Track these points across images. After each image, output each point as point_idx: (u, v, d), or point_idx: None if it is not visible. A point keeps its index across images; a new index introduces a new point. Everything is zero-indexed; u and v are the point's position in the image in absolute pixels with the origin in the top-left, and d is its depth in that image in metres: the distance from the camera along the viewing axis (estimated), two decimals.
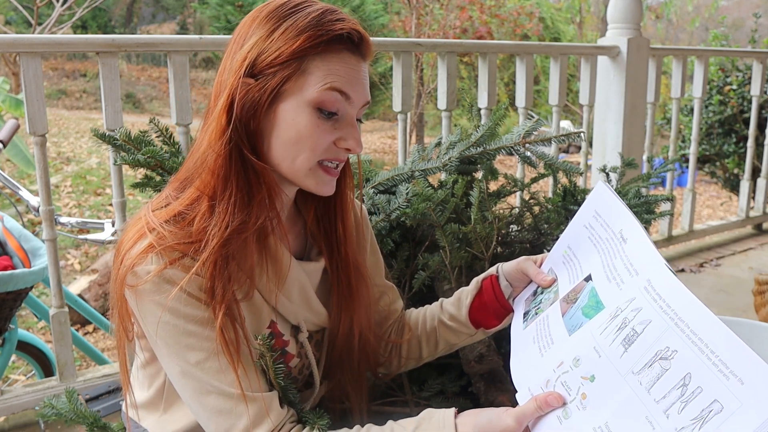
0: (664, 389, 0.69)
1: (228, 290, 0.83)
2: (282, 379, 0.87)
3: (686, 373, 0.68)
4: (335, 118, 0.86)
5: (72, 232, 2.71)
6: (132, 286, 0.82)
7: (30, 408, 1.92)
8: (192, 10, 17.38)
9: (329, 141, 0.86)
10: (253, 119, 0.84)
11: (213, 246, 0.82)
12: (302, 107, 0.84)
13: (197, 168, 0.86)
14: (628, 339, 0.74)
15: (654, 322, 0.73)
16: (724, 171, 4.85)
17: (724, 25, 6.14)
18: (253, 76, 0.83)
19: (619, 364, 0.74)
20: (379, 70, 10.09)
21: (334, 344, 1.02)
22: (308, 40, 0.82)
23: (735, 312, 2.74)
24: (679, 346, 0.69)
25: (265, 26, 0.84)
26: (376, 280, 1.12)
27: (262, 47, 0.83)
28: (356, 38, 0.86)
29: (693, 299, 0.71)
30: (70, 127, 10.02)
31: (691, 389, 0.67)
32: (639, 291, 0.77)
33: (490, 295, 1.05)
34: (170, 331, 0.83)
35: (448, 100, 2.47)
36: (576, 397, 0.77)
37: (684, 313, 0.71)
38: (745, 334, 1.07)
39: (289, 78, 0.83)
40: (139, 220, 0.86)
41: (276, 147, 0.86)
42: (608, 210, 0.90)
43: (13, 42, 1.72)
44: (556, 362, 0.81)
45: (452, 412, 0.85)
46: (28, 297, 1.99)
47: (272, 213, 0.88)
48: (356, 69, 0.86)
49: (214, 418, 0.84)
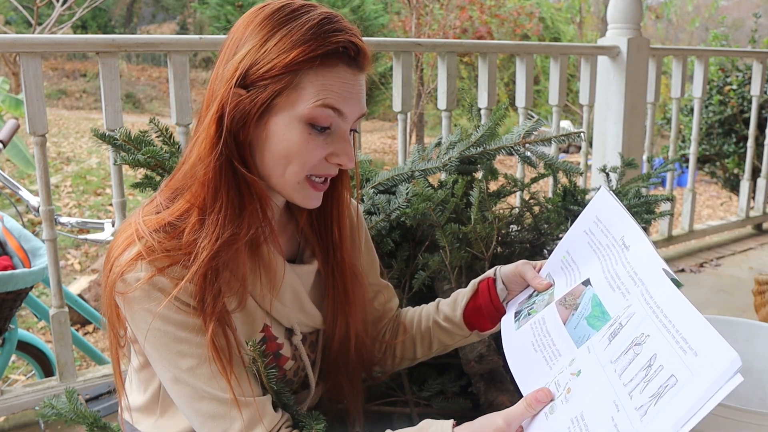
0: (632, 372, 0.71)
1: (218, 302, 0.82)
2: (275, 384, 0.87)
3: (653, 354, 0.70)
4: (327, 132, 0.84)
5: (72, 232, 2.71)
6: (121, 293, 0.82)
7: (30, 408, 1.92)
8: (192, 10, 17.37)
9: (320, 156, 0.85)
10: (243, 131, 0.82)
11: (203, 258, 0.81)
12: (294, 122, 0.82)
13: (187, 179, 0.85)
14: (613, 333, 0.77)
15: (637, 313, 0.75)
16: (724, 171, 4.85)
17: (724, 25, 6.14)
18: (244, 87, 0.81)
19: (602, 356, 0.76)
20: (379, 70, 10.09)
21: (330, 346, 1.01)
22: (302, 54, 0.79)
23: (735, 312, 2.74)
24: (652, 330, 0.72)
25: (259, 33, 0.81)
26: (371, 279, 1.11)
27: (255, 57, 0.81)
28: (353, 52, 0.82)
29: (668, 284, 0.74)
30: (70, 127, 10.01)
31: (654, 369, 0.69)
32: (636, 297, 0.78)
33: (485, 297, 1.04)
34: (161, 338, 0.82)
35: (448, 100, 2.47)
36: (562, 393, 0.78)
37: (660, 298, 0.73)
38: (745, 334, 1.07)
39: (282, 92, 0.81)
40: (129, 227, 0.85)
41: (266, 160, 0.84)
42: (610, 216, 0.90)
43: (13, 42, 1.72)
44: (561, 371, 0.82)
45: (450, 423, 0.84)
46: (28, 297, 1.99)
47: (264, 223, 0.87)
48: (351, 83, 0.83)
49: (207, 424, 0.84)
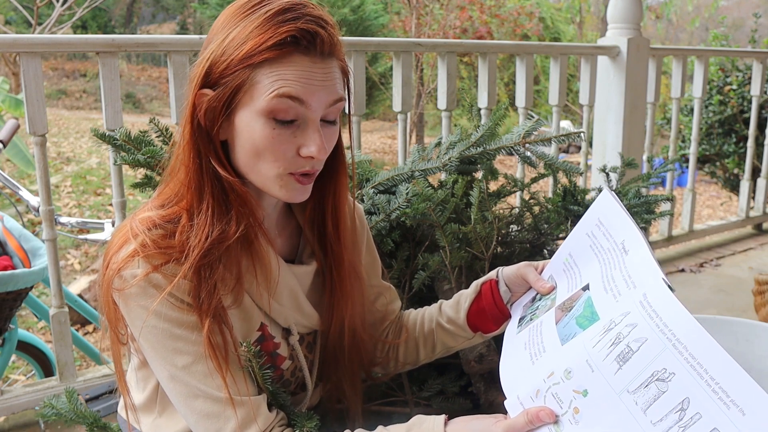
0: (661, 412, 0.68)
1: (214, 299, 0.83)
2: (270, 384, 0.87)
3: (684, 397, 0.67)
4: (295, 125, 0.82)
5: (72, 232, 2.71)
6: (119, 289, 0.82)
7: (30, 408, 1.92)
8: (192, 10, 17.37)
9: (291, 150, 0.82)
10: (215, 131, 0.83)
11: (194, 256, 0.81)
12: (256, 117, 0.81)
13: (174, 182, 0.86)
14: (622, 356, 0.73)
15: (650, 341, 0.71)
16: (724, 171, 4.85)
17: (724, 25, 6.13)
18: (210, 86, 0.81)
19: (613, 380, 0.73)
20: (379, 70, 10.10)
21: (328, 345, 1.01)
22: (255, 47, 0.78)
23: (735, 312, 2.74)
24: (677, 369, 0.68)
25: (224, 29, 0.81)
26: (373, 281, 1.11)
27: (215, 55, 0.80)
28: (306, 39, 0.79)
29: (691, 320, 0.69)
30: (70, 127, 10.01)
31: (689, 414, 0.66)
32: (634, 305, 0.75)
33: (488, 299, 1.04)
34: (157, 335, 0.83)
35: (448, 100, 2.47)
36: (568, 411, 0.76)
37: (682, 335, 0.69)
38: (745, 334, 1.07)
39: (240, 88, 0.80)
40: (124, 227, 0.86)
41: (240, 158, 0.84)
42: (612, 219, 0.89)
43: (13, 42, 1.72)
44: (547, 372, 0.80)
45: (442, 419, 0.84)
46: (28, 297, 1.99)
47: (254, 220, 0.86)
48: (310, 70, 0.80)
49: (202, 422, 0.84)
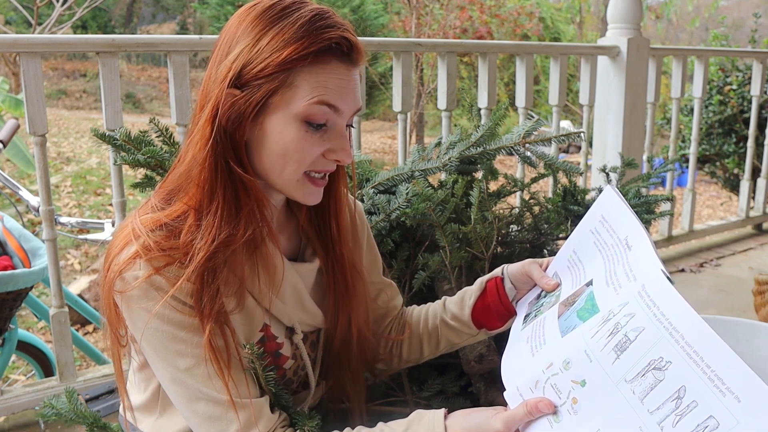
0: (657, 400, 0.69)
1: (216, 303, 0.82)
2: (273, 386, 0.87)
3: (681, 385, 0.68)
4: (324, 129, 0.84)
5: (72, 232, 2.71)
6: (120, 292, 0.82)
7: (30, 408, 1.92)
8: (192, 10, 17.37)
9: (317, 153, 0.84)
10: (238, 131, 0.82)
11: (199, 259, 0.80)
12: (289, 120, 0.81)
13: (183, 180, 0.85)
14: (620, 345, 0.73)
15: (648, 330, 0.72)
16: (724, 171, 4.85)
17: (724, 25, 6.13)
18: (238, 87, 0.81)
19: (611, 370, 0.73)
20: (379, 70, 10.10)
21: (331, 344, 1.01)
22: (295, 52, 0.79)
23: (735, 312, 2.74)
24: (674, 357, 0.69)
25: (252, 32, 0.81)
26: (374, 278, 1.11)
27: (248, 57, 0.80)
28: (346, 47, 0.82)
29: (688, 309, 0.70)
30: (70, 127, 10.01)
31: (686, 403, 0.67)
32: (633, 296, 0.76)
33: (494, 297, 1.04)
34: (159, 337, 0.82)
35: (448, 100, 2.47)
36: (567, 401, 0.76)
37: (679, 324, 0.70)
38: (745, 334, 1.07)
39: (276, 91, 0.80)
40: (126, 227, 0.85)
41: (263, 159, 0.84)
42: (615, 215, 0.89)
43: (13, 42, 1.72)
44: (546, 363, 0.80)
45: (442, 413, 0.84)
46: (28, 297, 1.99)
47: (263, 223, 0.86)
48: (346, 78, 0.83)
49: (204, 425, 0.84)
